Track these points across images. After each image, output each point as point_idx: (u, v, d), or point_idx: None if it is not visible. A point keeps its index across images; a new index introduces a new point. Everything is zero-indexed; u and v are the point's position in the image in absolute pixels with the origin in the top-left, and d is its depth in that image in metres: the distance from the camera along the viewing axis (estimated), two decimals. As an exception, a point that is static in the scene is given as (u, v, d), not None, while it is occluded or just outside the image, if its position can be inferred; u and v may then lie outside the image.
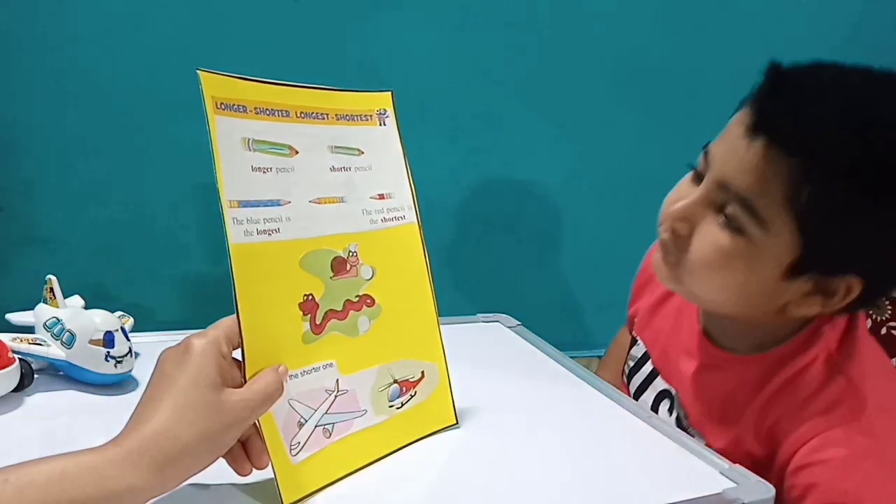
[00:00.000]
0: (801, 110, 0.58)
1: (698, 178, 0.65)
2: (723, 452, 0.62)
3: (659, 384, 0.78)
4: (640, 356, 0.84)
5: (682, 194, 0.65)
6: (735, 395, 0.68)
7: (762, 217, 0.59)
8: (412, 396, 0.62)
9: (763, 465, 0.64)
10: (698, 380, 0.73)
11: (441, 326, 0.65)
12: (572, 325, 1.48)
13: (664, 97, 1.40)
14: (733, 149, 0.60)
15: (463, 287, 1.35)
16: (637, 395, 0.81)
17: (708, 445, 0.66)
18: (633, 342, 0.86)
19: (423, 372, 0.63)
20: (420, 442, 0.62)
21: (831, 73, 0.60)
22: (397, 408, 0.61)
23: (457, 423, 0.65)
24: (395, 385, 0.61)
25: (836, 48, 1.20)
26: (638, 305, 0.89)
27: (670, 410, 0.75)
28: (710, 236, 0.62)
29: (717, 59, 1.40)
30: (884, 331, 0.92)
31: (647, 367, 0.81)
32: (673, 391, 0.76)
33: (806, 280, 0.61)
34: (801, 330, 0.66)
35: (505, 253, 1.42)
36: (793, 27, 1.39)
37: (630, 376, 0.84)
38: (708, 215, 0.63)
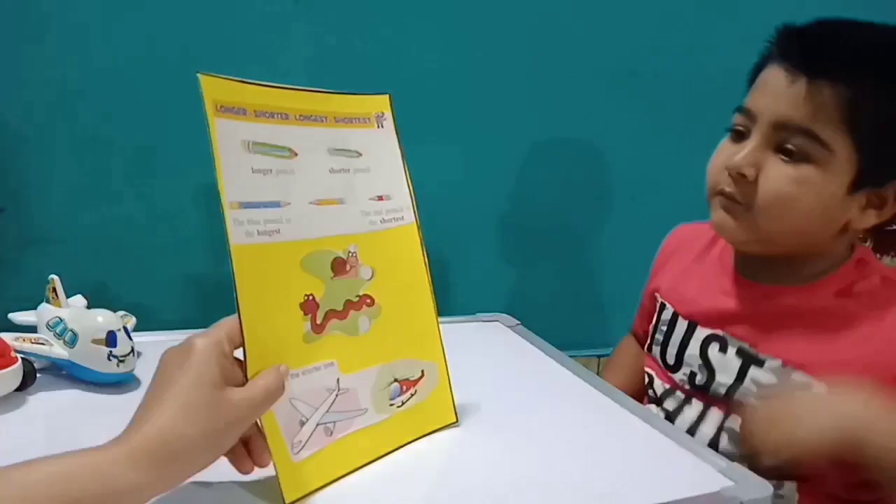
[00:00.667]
0: (830, 43, 0.68)
1: (739, 136, 0.72)
2: (805, 365, 0.70)
3: (700, 333, 0.80)
4: (670, 317, 0.85)
5: (733, 150, 0.71)
6: (806, 318, 0.73)
7: (825, 141, 0.66)
8: (412, 395, 0.62)
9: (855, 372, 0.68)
10: (748, 315, 0.76)
11: (440, 326, 0.65)
12: (572, 324, 1.48)
13: (666, 97, 1.41)
14: (778, 93, 0.68)
15: (463, 287, 1.35)
16: (682, 351, 0.82)
17: (784, 364, 0.72)
18: (662, 308, 0.87)
19: (422, 371, 0.63)
20: (421, 440, 0.62)
21: (833, 21, 0.69)
22: (398, 406, 0.61)
23: (457, 421, 0.65)
24: (396, 384, 0.61)
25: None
26: (658, 281, 0.91)
27: (722, 350, 0.78)
28: (779, 172, 0.68)
29: (718, 61, 1.40)
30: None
31: (683, 325, 0.83)
32: (720, 333, 0.78)
33: (863, 194, 0.69)
34: (844, 262, 0.73)
35: (505, 253, 1.42)
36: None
37: (666, 340, 0.85)
38: (769, 156, 0.69)
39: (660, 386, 0.85)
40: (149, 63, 1.11)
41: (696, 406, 0.79)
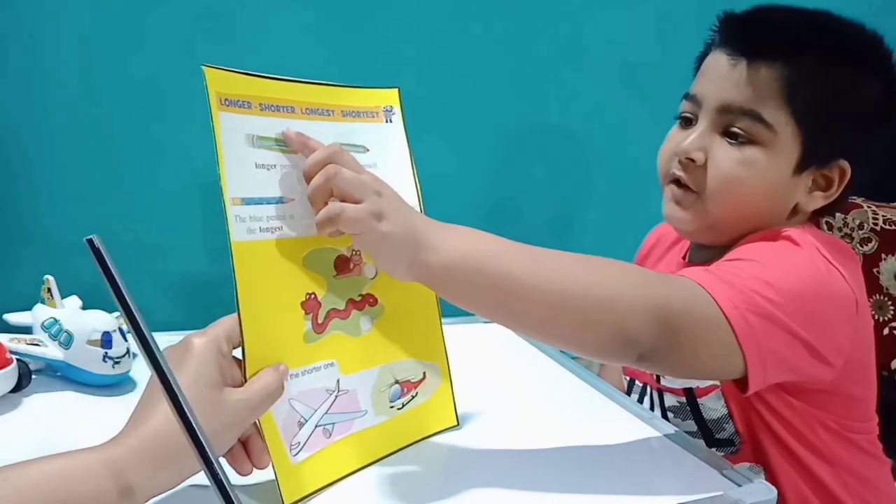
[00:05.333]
0: (767, 26, 0.70)
1: (687, 123, 0.73)
2: None
3: None
4: None
5: (681, 137, 0.72)
6: None
7: (768, 122, 0.67)
8: (413, 397, 0.62)
9: None
10: None
11: (444, 327, 0.64)
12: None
13: (667, 94, 1.40)
14: (721, 77, 0.70)
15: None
16: None
17: None
18: None
19: (424, 373, 0.63)
20: (421, 442, 0.61)
21: (770, 6, 0.72)
22: (398, 408, 0.60)
23: (458, 424, 0.65)
24: (397, 385, 0.60)
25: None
26: None
27: None
28: (727, 155, 0.69)
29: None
30: (886, 331, 0.93)
31: None
32: None
33: (808, 174, 0.69)
34: None
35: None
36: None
37: None
38: (716, 140, 0.70)
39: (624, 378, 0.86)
40: (149, 59, 1.10)
41: (653, 395, 0.79)
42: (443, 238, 0.52)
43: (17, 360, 0.66)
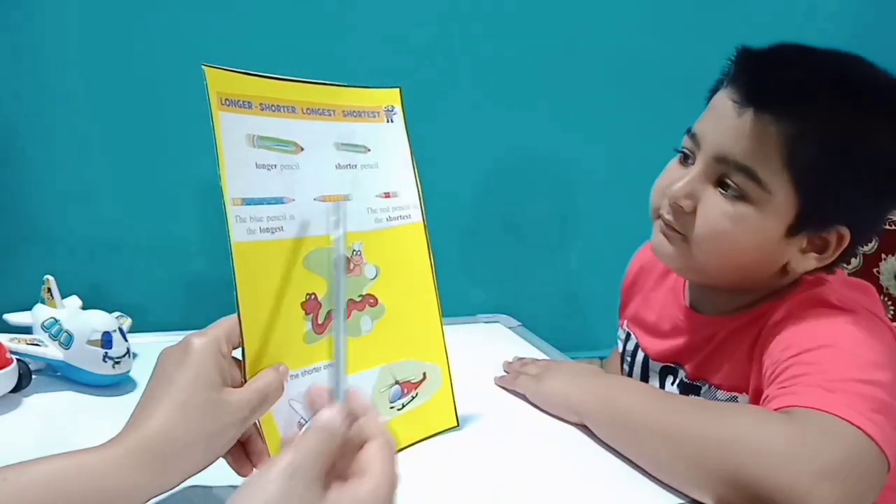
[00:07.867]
0: (782, 78, 0.65)
1: (686, 159, 0.70)
2: (723, 385, 0.71)
3: (655, 366, 0.80)
4: (633, 349, 0.85)
5: (676, 176, 0.69)
6: (742, 344, 0.70)
7: (763, 182, 0.63)
8: (413, 398, 0.62)
9: (757, 389, 0.66)
10: (692, 346, 0.76)
11: (444, 327, 0.64)
12: (572, 325, 1.48)
13: (666, 96, 1.40)
14: (724, 124, 0.65)
15: (463, 287, 1.35)
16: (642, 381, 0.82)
17: (710, 387, 0.73)
18: (627, 337, 0.87)
19: (424, 373, 0.63)
20: (421, 443, 0.61)
21: (793, 48, 0.67)
22: (398, 409, 0.60)
23: (458, 425, 0.65)
24: (397, 386, 0.60)
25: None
26: (626, 310, 0.90)
27: (673, 382, 0.77)
28: (716, 207, 0.66)
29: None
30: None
31: (640, 355, 0.83)
32: (672, 366, 0.78)
33: (803, 237, 0.66)
34: (789, 292, 0.70)
35: (505, 253, 1.41)
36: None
37: (630, 369, 0.85)
38: (708, 189, 0.66)
39: None
40: (149, 59, 1.11)
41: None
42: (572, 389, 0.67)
43: (17, 360, 0.66)
